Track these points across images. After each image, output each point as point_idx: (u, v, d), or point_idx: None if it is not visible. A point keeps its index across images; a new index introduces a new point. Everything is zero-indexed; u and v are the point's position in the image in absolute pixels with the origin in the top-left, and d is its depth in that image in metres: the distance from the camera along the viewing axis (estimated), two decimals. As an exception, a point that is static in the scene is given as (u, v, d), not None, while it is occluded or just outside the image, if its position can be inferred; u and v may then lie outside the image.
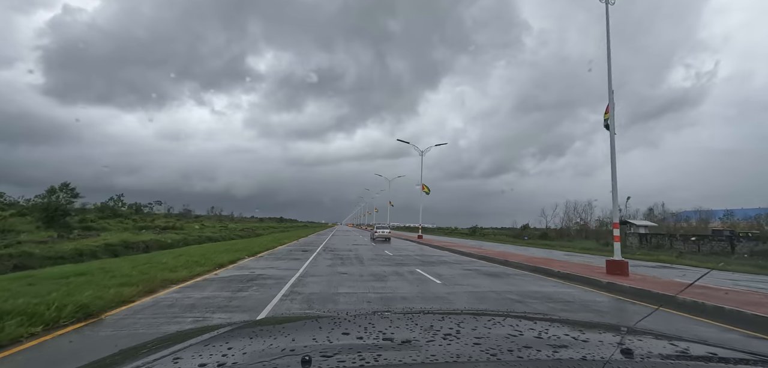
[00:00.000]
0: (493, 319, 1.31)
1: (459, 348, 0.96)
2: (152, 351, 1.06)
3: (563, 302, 8.16)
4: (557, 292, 9.35)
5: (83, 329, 5.27)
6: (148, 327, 5.44)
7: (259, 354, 0.95)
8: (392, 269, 12.98)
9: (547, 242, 44.72)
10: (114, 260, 13.12)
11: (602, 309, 7.67)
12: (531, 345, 1.00)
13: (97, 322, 5.61)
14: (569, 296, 8.89)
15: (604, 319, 6.41)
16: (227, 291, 8.36)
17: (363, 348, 0.97)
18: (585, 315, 6.97)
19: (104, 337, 4.96)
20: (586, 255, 23.68)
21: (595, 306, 7.94)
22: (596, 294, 9.25)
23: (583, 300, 8.43)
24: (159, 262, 11.60)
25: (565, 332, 1.19)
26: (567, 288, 10.03)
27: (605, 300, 8.59)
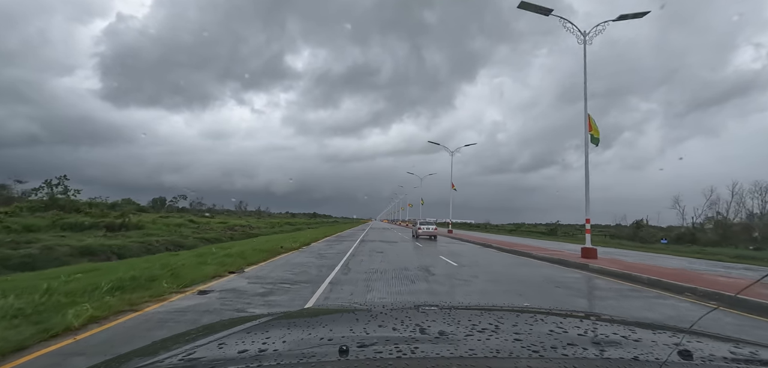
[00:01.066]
0: (534, 316, 1.25)
1: (498, 343, 0.94)
2: (199, 337, 1.14)
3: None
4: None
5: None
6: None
7: (298, 343, 1.00)
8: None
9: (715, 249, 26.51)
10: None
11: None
12: (576, 342, 0.96)
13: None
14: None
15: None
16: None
17: (399, 340, 0.97)
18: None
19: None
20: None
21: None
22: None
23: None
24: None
25: (614, 330, 1.13)
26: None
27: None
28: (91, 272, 8.10)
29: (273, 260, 12.32)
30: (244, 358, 0.88)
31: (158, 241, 14.51)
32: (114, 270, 8.04)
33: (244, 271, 9.95)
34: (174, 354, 0.98)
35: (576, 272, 11.87)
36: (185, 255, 11.30)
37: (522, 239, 36.75)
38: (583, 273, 11.56)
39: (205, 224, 30.63)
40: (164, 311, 5.87)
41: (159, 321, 5.30)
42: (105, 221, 17.42)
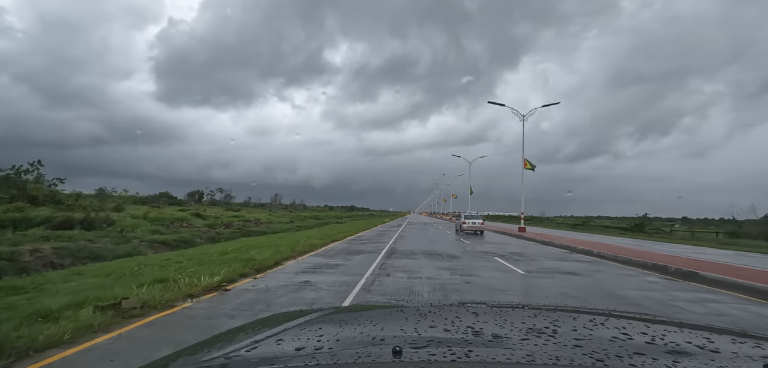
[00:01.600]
0: (593, 318, 1.19)
1: (557, 349, 0.89)
2: (257, 331, 1.17)
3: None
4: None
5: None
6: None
7: (352, 342, 1.01)
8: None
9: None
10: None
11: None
12: (644, 351, 0.88)
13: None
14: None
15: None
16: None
17: (452, 342, 0.95)
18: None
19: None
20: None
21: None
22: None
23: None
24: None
25: (687, 338, 1.00)
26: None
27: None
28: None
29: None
30: (302, 356, 0.91)
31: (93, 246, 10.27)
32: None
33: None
34: (237, 349, 1.02)
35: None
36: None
37: (619, 240, 28.16)
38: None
39: (214, 218, 26.94)
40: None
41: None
42: (59, 217, 13.88)
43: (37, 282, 6.43)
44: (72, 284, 6.40)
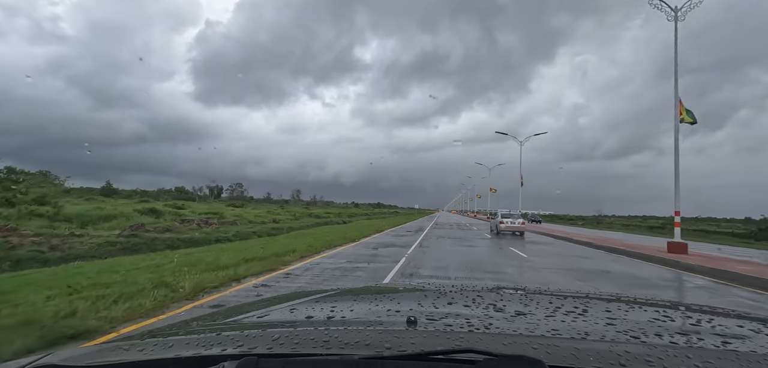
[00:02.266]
0: (631, 305, 1.11)
1: (587, 325, 0.85)
2: (273, 304, 1.22)
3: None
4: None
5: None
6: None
7: (365, 312, 1.03)
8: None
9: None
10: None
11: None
12: (688, 331, 0.85)
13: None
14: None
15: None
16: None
17: (471, 316, 0.93)
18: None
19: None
20: None
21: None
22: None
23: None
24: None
25: (737, 324, 0.93)
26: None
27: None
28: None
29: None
30: (313, 322, 0.94)
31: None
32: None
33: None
34: (248, 316, 1.09)
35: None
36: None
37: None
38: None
39: (188, 213, 24.70)
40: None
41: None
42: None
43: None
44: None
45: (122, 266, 8.13)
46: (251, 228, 19.84)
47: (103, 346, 0.87)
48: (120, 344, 0.84)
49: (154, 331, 0.98)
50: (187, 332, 0.93)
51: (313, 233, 18.84)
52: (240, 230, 18.51)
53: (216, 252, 10.67)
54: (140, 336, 0.90)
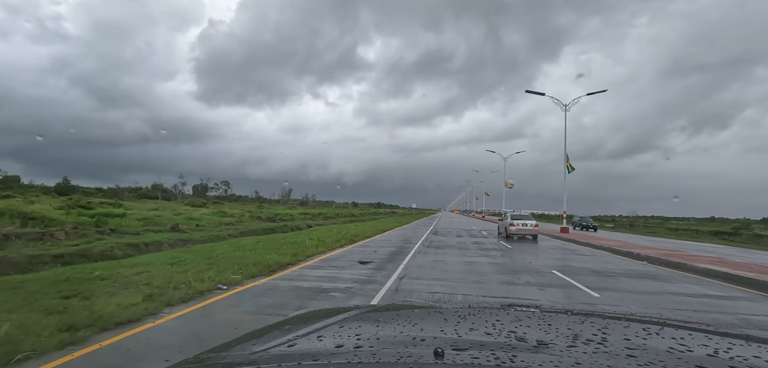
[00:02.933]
0: (647, 328, 1.09)
1: (608, 358, 0.83)
2: (298, 327, 1.21)
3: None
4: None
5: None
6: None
7: (392, 341, 0.99)
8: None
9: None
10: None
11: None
12: (705, 364, 0.81)
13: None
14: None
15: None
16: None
17: (495, 346, 0.92)
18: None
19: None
20: None
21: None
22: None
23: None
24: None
25: (755, 353, 0.90)
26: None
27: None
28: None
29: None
30: (343, 353, 0.91)
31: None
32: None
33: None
34: (279, 344, 1.05)
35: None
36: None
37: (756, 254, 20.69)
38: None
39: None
40: None
41: None
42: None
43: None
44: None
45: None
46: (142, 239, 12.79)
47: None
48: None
49: (192, 364, 0.96)
50: (224, 365, 0.94)
51: (292, 238, 14.99)
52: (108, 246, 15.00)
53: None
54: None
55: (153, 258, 9.52)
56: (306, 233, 18.31)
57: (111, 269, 7.61)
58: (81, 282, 6.45)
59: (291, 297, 6.21)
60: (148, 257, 9.99)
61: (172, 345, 4.07)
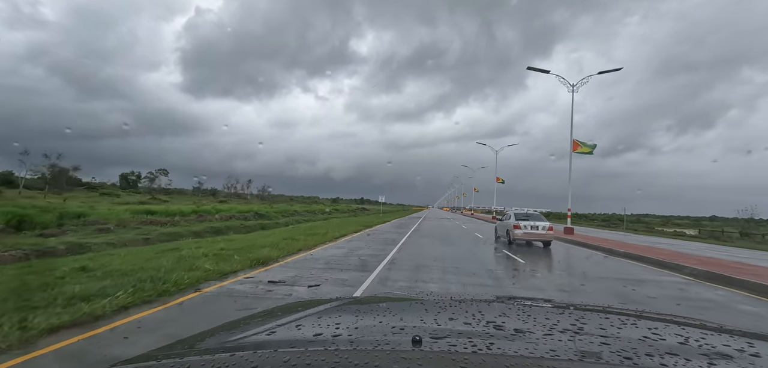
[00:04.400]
0: (624, 319, 1.14)
1: (583, 345, 0.87)
2: (278, 317, 1.21)
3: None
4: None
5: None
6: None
7: (371, 329, 1.01)
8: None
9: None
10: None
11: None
12: (677, 351, 0.85)
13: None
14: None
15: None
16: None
17: (473, 334, 0.95)
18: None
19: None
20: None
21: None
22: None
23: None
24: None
25: (724, 341, 0.97)
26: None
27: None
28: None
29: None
30: (321, 341, 0.93)
31: None
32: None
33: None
34: (258, 332, 1.06)
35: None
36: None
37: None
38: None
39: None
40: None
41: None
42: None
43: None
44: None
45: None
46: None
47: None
48: (138, 366, 0.82)
49: (170, 350, 0.97)
50: (201, 351, 0.94)
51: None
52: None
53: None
54: (156, 357, 0.89)
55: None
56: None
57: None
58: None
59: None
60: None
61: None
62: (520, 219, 15.80)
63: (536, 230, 15.35)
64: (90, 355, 3.52)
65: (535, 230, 15.35)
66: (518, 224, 15.48)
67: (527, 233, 15.32)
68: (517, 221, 15.65)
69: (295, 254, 10.36)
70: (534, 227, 15.38)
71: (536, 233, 15.37)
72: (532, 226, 15.41)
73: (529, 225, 15.43)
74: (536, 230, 15.35)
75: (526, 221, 15.63)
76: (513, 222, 15.77)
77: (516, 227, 15.46)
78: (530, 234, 15.35)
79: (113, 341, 3.86)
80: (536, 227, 15.39)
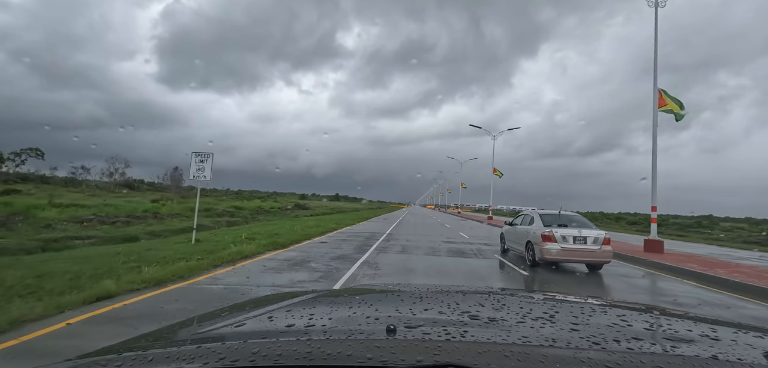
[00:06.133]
0: (595, 308, 1.19)
1: (554, 332, 0.89)
2: (249, 310, 1.17)
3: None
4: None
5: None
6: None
7: (345, 320, 1.00)
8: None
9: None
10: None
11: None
12: (642, 336, 0.90)
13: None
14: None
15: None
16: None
17: (447, 322, 0.96)
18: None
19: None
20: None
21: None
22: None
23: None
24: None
25: (687, 327, 1.02)
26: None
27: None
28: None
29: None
30: (293, 332, 0.91)
31: None
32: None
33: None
34: (226, 324, 1.03)
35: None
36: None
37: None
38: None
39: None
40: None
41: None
42: None
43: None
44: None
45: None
46: None
47: (79, 362, 0.80)
48: (97, 360, 0.79)
49: (132, 344, 0.94)
50: (165, 344, 0.93)
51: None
52: None
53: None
54: (117, 350, 0.85)
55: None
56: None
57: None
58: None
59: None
60: None
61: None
62: (553, 224, 9.13)
63: (583, 244, 8.71)
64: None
65: (582, 246, 8.70)
66: (551, 234, 8.80)
67: (568, 251, 8.66)
68: (549, 228, 8.97)
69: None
70: (579, 240, 8.72)
71: (584, 251, 8.72)
72: (575, 237, 8.74)
73: (570, 236, 8.75)
74: (583, 244, 8.71)
75: (565, 228, 8.96)
76: (540, 229, 9.08)
77: (547, 239, 8.77)
78: (573, 252, 8.69)
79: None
80: (583, 239, 8.74)
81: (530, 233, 9.57)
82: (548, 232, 8.88)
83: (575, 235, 8.75)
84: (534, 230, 9.39)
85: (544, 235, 8.91)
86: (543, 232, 8.96)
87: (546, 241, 8.82)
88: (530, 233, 9.57)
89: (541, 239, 8.93)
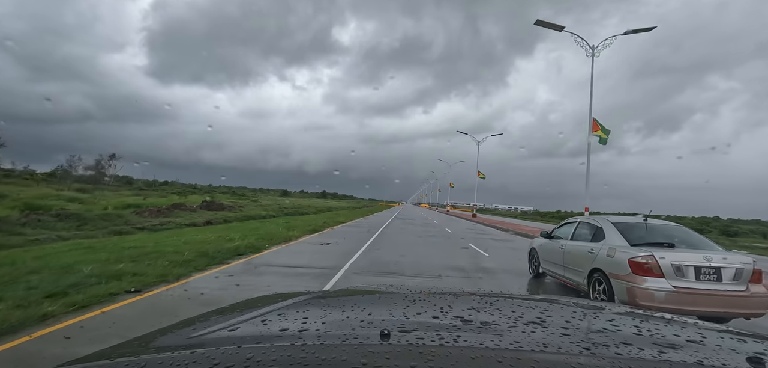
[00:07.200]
0: (587, 311, 1.22)
1: (545, 336, 0.90)
2: (242, 312, 1.15)
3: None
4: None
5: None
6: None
7: (339, 324, 0.99)
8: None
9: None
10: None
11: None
12: (631, 341, 0.90)
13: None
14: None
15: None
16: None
17: (440, 327, 0.96)
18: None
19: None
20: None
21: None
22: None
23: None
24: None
25: (674, 331, 1.04)
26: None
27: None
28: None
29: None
30: (287, 336, 0.90)
31: None
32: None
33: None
34: (220, 328, 1.00)
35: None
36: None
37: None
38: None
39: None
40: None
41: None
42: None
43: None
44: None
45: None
46: None
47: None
48: (89, 366, 0.78)
49: (125, 349, 0.93)
50: (158, 349, 0.92)
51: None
52: None
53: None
54: (110, 355, 0.85)
55: None
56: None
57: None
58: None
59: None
60: None
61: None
62: (647, 242, 5.22)
63: (716, 282, 4.80)
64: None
65: (714, 286, 4.78)
66: (651, 262, 4.86)
67: (690, 295, 4.72)
68: (645, 250, 5.03)
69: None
70: (708, 274, 4.80)
71: (718, 296, 4.79)
72: (702, 269, 4.82)
73: (690, 265, 4.82)
74: (716, 282, 4.80)
75: (674, 250, 5.03)
76: (624, 251, 5.14)
77: (642, 271, 4.84)
78: (699, 298, 4.75)
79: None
80: (714, 272, 4.82)
81: (600, 255, 5.61)
82: (645, 258, 4.93)
83: (700, 264, 4.82)
84: (609, 253, 5.43)
85: (635, 262, 4.96)
86: (632, 257, 5.01)
87: (641, 273, 4.88)
88: (600, 255, 5.61)
89: (628, 268, 4.99)
